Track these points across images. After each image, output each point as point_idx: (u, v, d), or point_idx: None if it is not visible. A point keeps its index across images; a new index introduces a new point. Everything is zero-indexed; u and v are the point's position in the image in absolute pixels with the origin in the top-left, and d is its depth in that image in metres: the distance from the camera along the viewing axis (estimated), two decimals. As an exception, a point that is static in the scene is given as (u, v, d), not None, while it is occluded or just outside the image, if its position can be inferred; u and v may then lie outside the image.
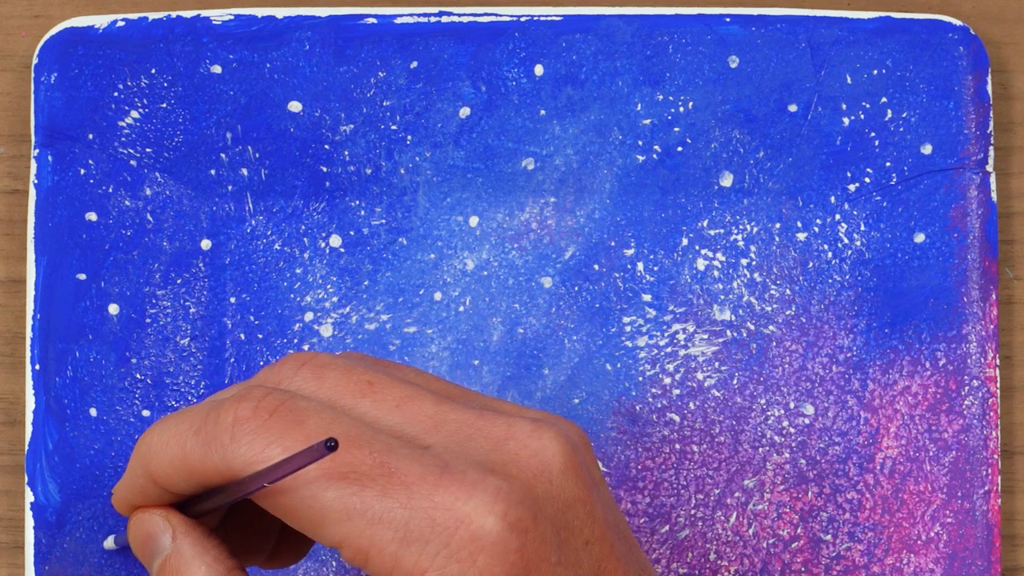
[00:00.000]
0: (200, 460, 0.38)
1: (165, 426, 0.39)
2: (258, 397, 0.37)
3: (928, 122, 0.55)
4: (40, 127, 0.54)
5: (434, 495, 0.35)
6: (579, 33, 0.54)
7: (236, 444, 0.37)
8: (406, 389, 0.39)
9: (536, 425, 0.38)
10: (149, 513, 0.41)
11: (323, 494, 0.36)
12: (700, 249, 0.55)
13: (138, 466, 0.40)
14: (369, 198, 0.55)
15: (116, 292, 0.54)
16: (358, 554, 0.36)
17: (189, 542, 0.40)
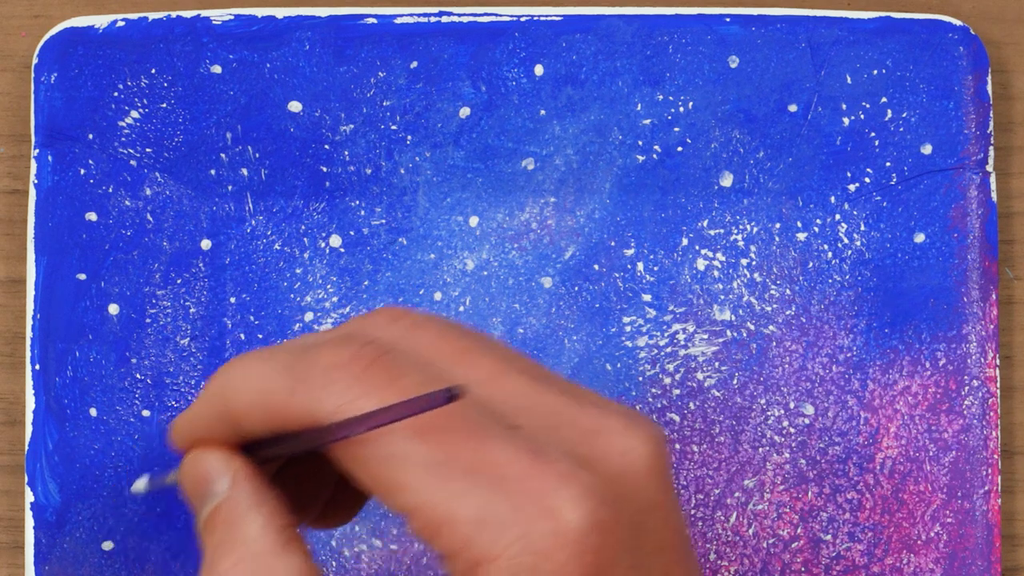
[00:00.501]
0: (284, 400, 0.36)
1: (250, 360, 0.37)
2: (357, 345, 0.35)
3: (928, 122, 0.55)
4: (40, 127, 0.54)
5: (523, 481, 0.34)
6: (579, 33, 0.54)
7: (328, 389, 0.35)
8: (500, 363, 0.37)
9: (628, 422, 0.36)
10: (210, 452, 0.38)
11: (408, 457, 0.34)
12: (700, 249, 0.55)
13: (213, 398, 0.38)
14: (369, 198, 0.55)
15: (116, 292, 0.54)
16: (428, 526, 0.34)
17: (247, 491, 0.37)
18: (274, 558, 0.36)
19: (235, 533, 0.37)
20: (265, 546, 0.37)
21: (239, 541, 0.37)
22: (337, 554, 0.54)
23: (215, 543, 0.37)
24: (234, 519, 0.37)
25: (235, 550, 0.37)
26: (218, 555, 0.37)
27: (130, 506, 0.54)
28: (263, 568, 0.36)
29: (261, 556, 0.36)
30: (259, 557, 0.36)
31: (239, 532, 0.37)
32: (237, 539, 0.37)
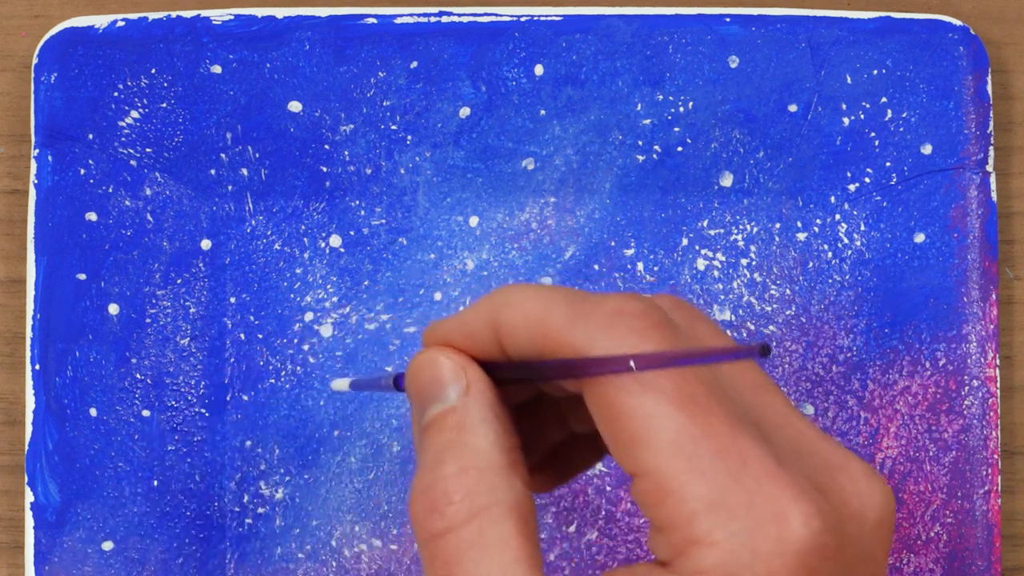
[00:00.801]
0: (560, 329, 0.35)
1: (532, 288, 0.37)
2: (647, 305, 0.35)
3: (928, 122, 0.55)
4: (40, 127, 0.54)
5: (764, 482, 0.33)
6: (579, 33, 0.54)
7: (608, 331, 0.34)
8: (765, 377, 0.38)
9: (871, 472, 0.36)
10: (452, 355, 0.38)
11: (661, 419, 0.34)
12: (700, 249, 0.55)
13: (484, 309, 0.37)
14: (369, 198, 0.55)
15: (116, 292, 0.54)
16: (655, 492, 0.34)
17: (483, 403, 0.37)
18: (498, 476, 0.36)
19: (464, 441, 0.36)
20: (492, 462, 0.36)
21: (467, 450, 0.36)
22: (337, 554, 0.54)
23: (440, 445, 0.37)
24: (465, 427, 0.37)
25: (461, 457, 0.36)
26: (442, 459, 0.36)
27: (130, 506, 0.54)
28: (486, 483, 0.36)
29: (486, 471, 0.36)
30: (484, 472, 0.36)
31: (468, 441, 0.36)
32: (466, 447, 0.36)
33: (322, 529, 0.54)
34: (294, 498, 0.54)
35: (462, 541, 0.35)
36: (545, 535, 0.54)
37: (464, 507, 0.36)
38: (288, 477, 0.54)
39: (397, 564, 0.54)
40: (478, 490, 0.36)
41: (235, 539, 0.54)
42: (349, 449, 0.54)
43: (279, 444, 0.54)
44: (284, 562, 0.54)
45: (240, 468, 0.54)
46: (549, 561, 0.54)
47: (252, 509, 0.54)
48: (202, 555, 0.54)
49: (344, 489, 0.54)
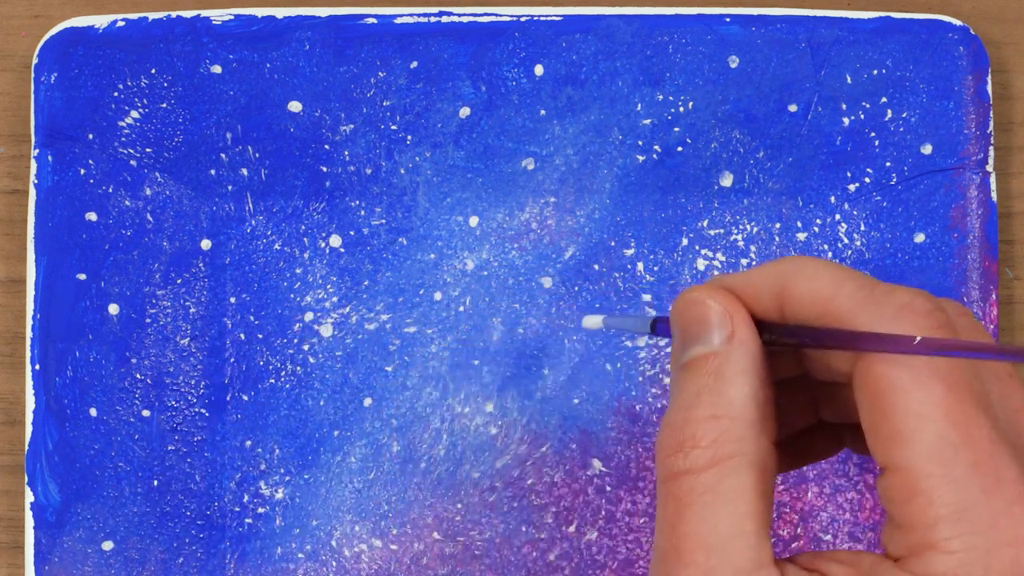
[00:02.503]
0: (848, 310, 0.35)
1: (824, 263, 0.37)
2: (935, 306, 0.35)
3: (928, 122, 0.55)
4: (40, 127, 0.54)
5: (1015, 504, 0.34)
6: (579, 33, 0.54)
7: (895, 322, 0.35)
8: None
9: None
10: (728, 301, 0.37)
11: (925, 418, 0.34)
12: (700, 249, 0.55)
13: (772, 273, 0.37)
14: (369, 198, 0.55)
15: (116, 292, 0.54)
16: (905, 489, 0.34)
17: (746, 354, 0.37)
18: (747, 429, 0.36)
19: (720, 387, 0.37)
20: (744, 414, 0.36)
21: (722, 397, 0.36)
22: (337, 554, 0.54)
23: (695, 389, 0.37)
24: (724, 374, 0.37)
25: (715, 404, 0.36)
26: (696, 401, 0.37)
27: (130, 506, 0.54)
28: (734, 433, 0.36)
29: (737, 421, 0.36)
30: (736, 422, 0.36)
31: (725, 389, 0.37)
32: (721, 395, 0.37)
33: (322, 529, 0.54)
34: (294, 498, 0.54)
35: (699, 485, 0.36)
36: (545, 535, 0.54)
37: (709, 453, 0.36)
38: (288, 477, 0.54)
39: (397, 564, 0.54)
40: (725, 438, 0.36)
41: (235, 539, 0.54)
42: (349, 449, 0.54)
43: (279, 444, 0.54)
44: (284, 562, 0.54)
45: (240, 468, 0.54)
46: (549, 561, 0.54)
47: (252, 509, 0.54)
48: (202, 555, 0.54)
49: (344, 489, 0.54)
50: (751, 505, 0.36)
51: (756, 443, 0.36)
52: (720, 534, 0.35)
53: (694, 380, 0.37)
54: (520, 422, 0.55)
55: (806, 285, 0.37)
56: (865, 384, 0.35)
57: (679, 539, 0.36)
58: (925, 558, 0.34)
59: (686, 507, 0.36)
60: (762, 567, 0.35)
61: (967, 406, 0.34)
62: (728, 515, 0.35)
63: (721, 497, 0.36)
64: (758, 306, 0.38)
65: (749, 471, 0.36)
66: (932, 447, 0.34)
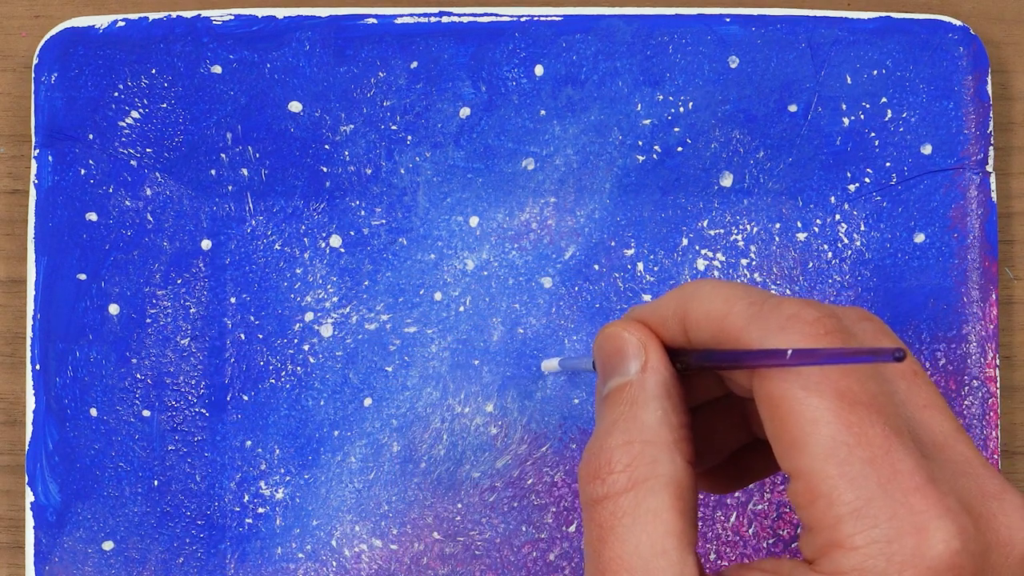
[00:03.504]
0: (738, 326, 0.37)
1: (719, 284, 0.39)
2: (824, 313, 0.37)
3: (928, 122, 0.55)
4: (40, 127, 0.54)
5: (911, 495, 0.35)
6: (579, 33, 0.54)
7: (781, 333, 0.36)
8: (937, 398, 0.39)
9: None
10: (637, 332, 0.40)
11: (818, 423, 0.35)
12: (700, 249, 0.55)
13: (674, 300, 0.39)
14: (369, 198, 0.55)
15: (116, 292, 0.54)
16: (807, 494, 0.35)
17: (657, 380, 0.39)
18: (661, 451, 0.38)
19: (634, 413, 0.38)
20: (658, 437, 0.38)
21: (635, 423, 0.38)
22: (337, 554, 0.54)
23: (612, 418, 0.39)
24: (638, 400, 0.39)
25: (629, 430, 0.38)
26: (611, 429, 0.38)
27: (130, 506, 0.54)
28: (648, 456, 0.37)
29: (650, 445, 0.38)
30: (648, 445, 0.38)
31: (638, 415, 0.38)
32: (634, 420, 0.38)
33: (322, 529, 0.54)
34: (294, 498, 0.54)
35: (618, 509, 0.37)
36: (545, 535, 0.54)
37: (624, 477, 0.37)
38: (288, 477, 0.54)
39: (397, 564, 0.54)
40: (640, 462, 0.37)
41: (235, 539, 0.54)
42: (349, 449, 0.54)
43: (279, 444, 0.54)
44: (284, 562, 0.54)
45: (240, 468, 0.54)
46: (549, 561, 0.54)
47: (252, 509, 0.54)
48: (202, 555, 0.54)
49: (344, 489, 0.54)
50: (670, 524, 0.37)
51: (671, 464, 0.38)
52: (642, 555, 0.37)
53: (612, 410, 0.39)
54: (520, 422, 0.55)
55: (702, 307, 0.38)
56: (762, 397, 0.37)
57: (604, 564, 0.37)
58: (833, 557, 0.35)
59: (608, 531, 0.37)
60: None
61: (858, 407, 0.35)
62: (648, 536, 0.37)
63: (640, 519, 0.37)
64: (667, 333, 0.39)
65: (664, 491, 0.37)
66: (827, 449, 0.35)
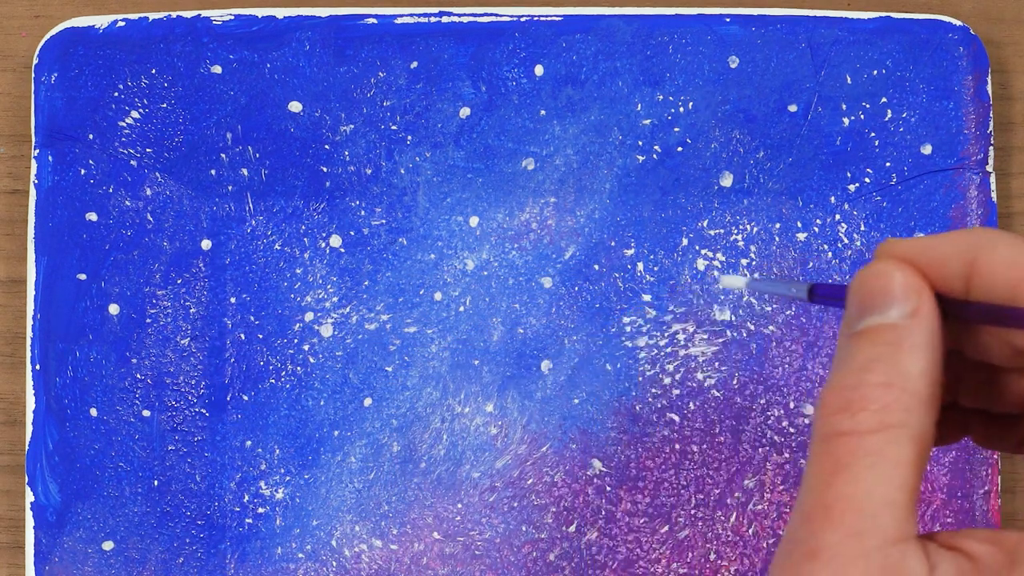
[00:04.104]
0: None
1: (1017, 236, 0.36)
2: None
3: (928, 122, 0.55)
4: (40, 127, 0.54)
5: None
6: (579, 33, 0.54)
7: None
8: None
9: None
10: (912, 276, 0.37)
11: None
12: (700, 249, 0.55)
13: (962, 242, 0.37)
14: (369, 198, 0.55)
15: (116, 292, 0.54)
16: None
17: (925, 331, 0.36)
18: (916, 403, 0.36)
19: (897, 358, 0.36)
20: (917, 388, 0.36)
21: (897, 368, 0.36)
22: (337, 554, 0.54)
23: (871, 354, 0.37)
24: (903, 346, 0.36)
25: (889, 372, 0.36)
26: (870, 367, 0.36)
27: (130, 506, 0.54)
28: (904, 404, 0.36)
29: (908, 395, 0.36)
30: (907, 394, 0.36)
31: (901, 360, 0.36)
32: (896, 365, 0.36)
33: (322, 529, 0.54)
34: (294, 498, 0.54)
35: (862, 447, 0.35)
36: (545, 535, 0.54)
37: (877, 418, 0.36)
38: (288, 477, 0.54)
39: (397, 564, 0.54)
40: (896, 407, 0.36)
41: (235, 539, 0.54)
42: (349, 449, 0.54)
43: (279, 444, 0.54)
44: (284, 562, 0.54)
45: (240, 468, 0.54)
46: (549, 561, 0.54)
47: (252, 509, 0.54)
48: (202, 555, 0.54)
49: (344, 489, 0.54)
50: (907, 478, 0.35)
51: (923, 418, 0.36)
52: (874, 500, 0.35)
53: (869, 348, 0.37)
54: (520, 422, 0.55)
55: (1003, 256, 0.36)
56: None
57: (831, 499, 0.35)
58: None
59: (844, 467, 0.35)
60: (908, 540, 0.35)
61: None
62: (885, 482, 0.35)
63: (881, 464, 0.35)
64: (942, 276, 0.37)
65: (912, 444, 0.36)
66: None
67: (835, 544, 0.35)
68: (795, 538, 0.36)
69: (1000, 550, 0.35)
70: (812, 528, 0.35)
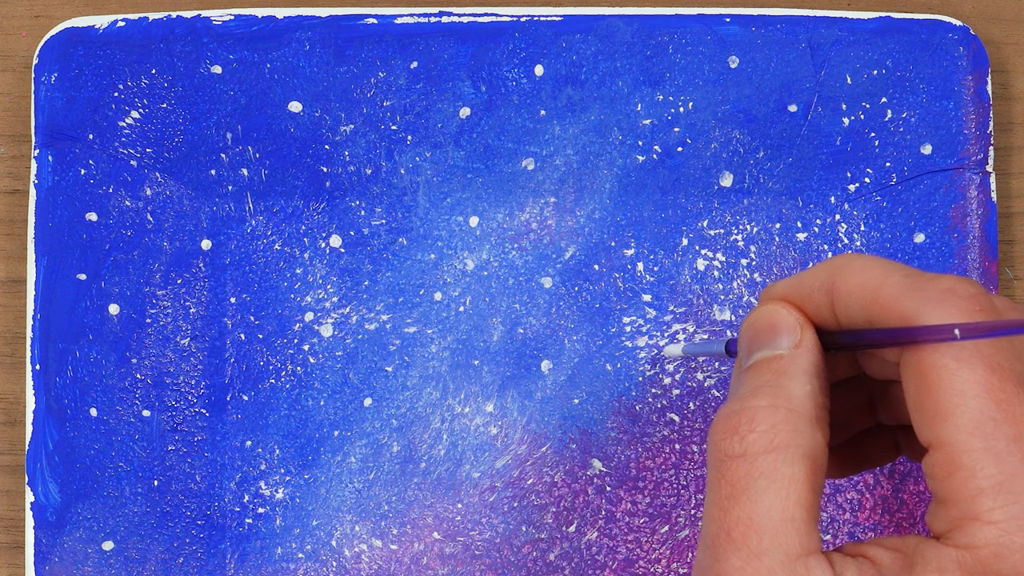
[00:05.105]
0: (893, 298, 0.37)
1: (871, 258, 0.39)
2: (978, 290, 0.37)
3: (928, 122, 0.55)
4: (40, 127, 0.54)
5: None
6: (579, 33, 0.54)
7: (938, 306, 0.36)
8: None
9: None
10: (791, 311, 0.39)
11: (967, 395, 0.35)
12: (700, 249, 0.55)
13: (822, 273, 0.39)
14: (369, 198, 0.55)
15: (116, 292, 0.54)
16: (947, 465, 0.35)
17: (808, 359, 0.39)
18: (804, 423, 0.37)
19: (781, 384, 0.38)
20: (802, 409, 0.38)
21: (783, 391, 0.38)
22: (337, 554, 0.54)
23: (757, 383, 0.39)
24: (787, 373, 0.38)
25: (775, 395, 0.38)
26: (756, 392, 0.38)
27: (130, 506, 0.54)
28: (792, 424, 0.37)
29: (794, 415, 0.37)
30: (792, 414, 0.37)
31: (785, 385, 0.38)
32: (782, 388, 0.38)
33: (322, 529, 0.54)
34: (294, 498, 0.54)
35: (755, 468, 0.37)
36: (545, 535, 0.54)
37: (766, 438, 0.37)
38: (288, 477, 0.54)
39: (397, 564, 0.54)
40: (783, 427, 0.37)
41: (235, 539, 0.54)
42: (349, 449, 0.54)
43: (279, 444, 0.54)
44: (284, 562, 0.54)
45: (240, 468, 0.54)
46: (549, 561, 0.54)
47: (252, 509, 0.54)
48: (202, 555, 0.54)
49: (344, 489, 0.54)
50: (802, 495, 0.36)
51: (811, 437, 0.37)
52: (772, 518, 0.36)
53: (756, 377, 0.39)
54: (520, 422, 0.55)
55: (854, 278, 0.38)
56: (910, 367, 0.36)
57: (731, 523, 0.36)
58: (967, 530, 0.35)
59: (741, 490, 0.37)
60: (811, 554, 0.36)
61: (1008, 384, 0.35)
62: (781, 500, 0.36)
63: (776, 482, 0.36)
64: (811, 306, 0.39)
65: (803, 462, 0.37)
66: (973, 422, 0.35)
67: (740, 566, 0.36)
68: (703, 565, 0.37)
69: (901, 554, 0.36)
70: (716, 553, 0.36)
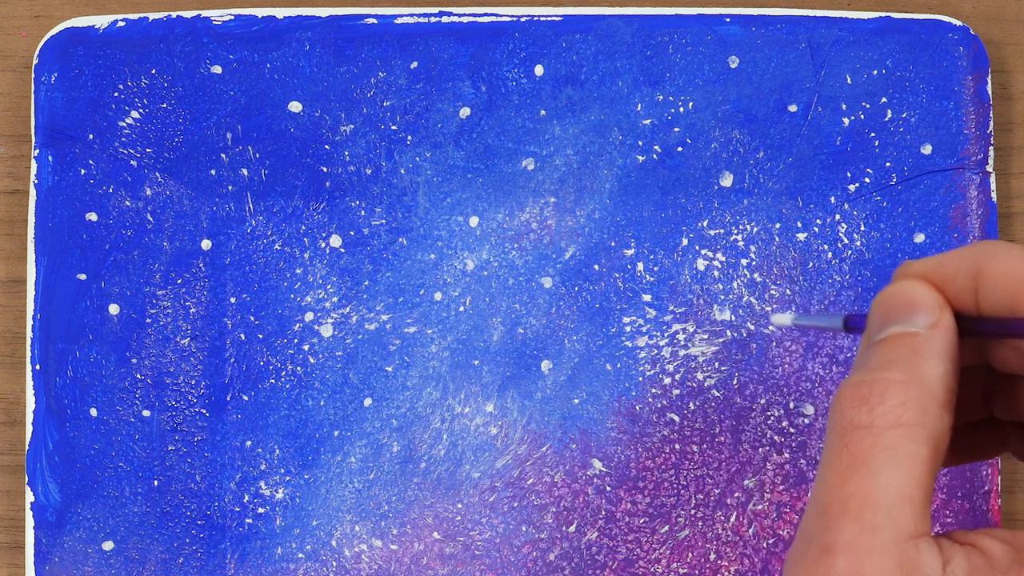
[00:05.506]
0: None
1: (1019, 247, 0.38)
2: None
3: (928, 122, 0.55)
4: (40, 127, 0.54)
5: None
6: (579, 33, 0.54)
7: None
8: None
9: None
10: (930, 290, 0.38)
11: None
12: (700, 249, 0.55)
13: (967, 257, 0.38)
14: (369, 198, 0.55)
15: (116, 292, 0.54)
16: None
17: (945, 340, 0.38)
18: (934, 403, 0.37)
19: (915, 362, 0.37)
20: (933, 391, 0.37)
21: (916, 369, 0.37)
22: (337, 554, 0.54)
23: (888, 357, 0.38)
24: (921, 352, 0.37)
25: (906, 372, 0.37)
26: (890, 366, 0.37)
27: (130, 506, 0.54)
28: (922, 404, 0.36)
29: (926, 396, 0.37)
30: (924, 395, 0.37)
31: (920, 362, 0.37)
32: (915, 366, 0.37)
33: (322, 529, 0.54)
34: (294, 498, 0.54)
35: (879, 441, 0.36)
36: (545, 535, 0.54)
37: (895, 413, 0.36)
38: (288, 477, 0.54)
39: (397, 564, 0.54)
40: (913, 405, 0.36)
41: (235, 539, 0.54)
42: (349, 449, 0.54)
43: (279, 444, 0.54)
44: (284, 562, 0.54)
45: (240, 468, 0.54)
46: (549, 561, 0.54)
47: (252, 509, 0.54)
48: (202, 555, 0.54)
49: (344, 489, 0.54)
50: (923, 476, 0.36)
51: (939, 419, 0.37)
52: (890, 494, 0.35)
53: (889, 351, 0.38)
54: (520, 422, 0.55)
55: (1003, 267, 0.37)
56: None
57: (848, 494, 0.36)
58: None
59: (862, 462, 0.36)
60: (922, 536, 0.35)
61: None
62: (901, 478, 0.36)
63: (898, 459, 0.36)
64: (952, 290, 0.38)
65: (928, 443, 0.36)
66: None
67: (852, 539, 0.35)
68: (811, 532, 0.36)
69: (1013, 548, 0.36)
70: (828, 523, 0.36)
